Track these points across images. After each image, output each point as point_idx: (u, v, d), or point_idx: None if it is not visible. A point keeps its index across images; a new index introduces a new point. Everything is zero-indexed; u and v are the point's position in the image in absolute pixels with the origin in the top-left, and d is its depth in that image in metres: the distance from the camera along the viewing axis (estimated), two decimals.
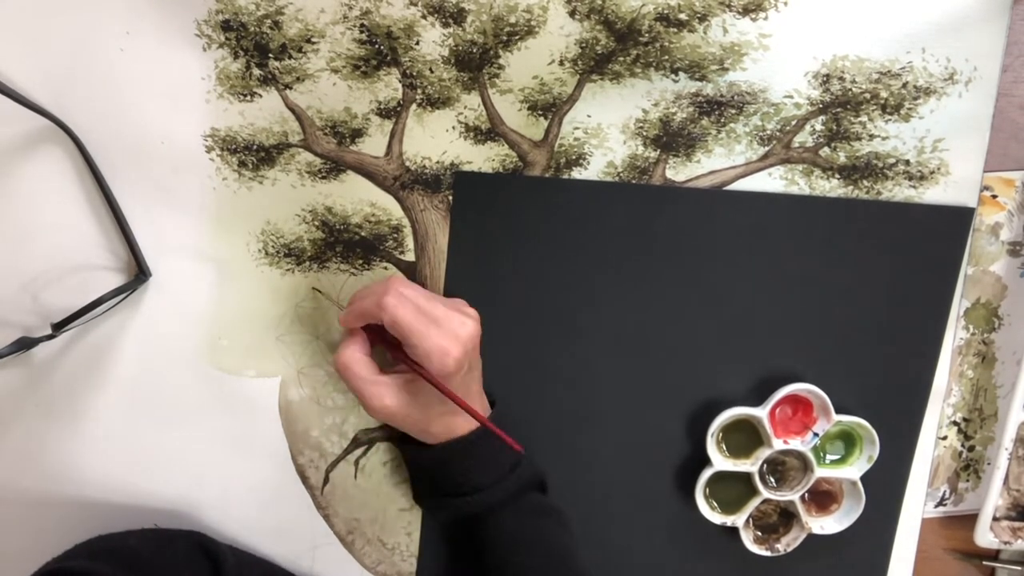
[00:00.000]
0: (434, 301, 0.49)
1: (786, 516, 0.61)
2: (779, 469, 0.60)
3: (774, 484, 0.60)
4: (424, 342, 0.47)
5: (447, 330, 0.48)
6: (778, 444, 0.58)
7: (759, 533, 0.61)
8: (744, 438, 0.59)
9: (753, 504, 0.59)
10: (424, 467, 0.55)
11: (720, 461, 0.58)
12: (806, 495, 0.60)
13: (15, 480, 0.57)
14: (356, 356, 0.50)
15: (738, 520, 0.58)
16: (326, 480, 0.60)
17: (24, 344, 0.50)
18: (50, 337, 0.51)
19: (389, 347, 0.51)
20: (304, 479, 0.60)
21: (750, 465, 0.58)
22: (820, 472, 0.59)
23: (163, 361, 0.56)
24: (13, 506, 0.57)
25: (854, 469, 0.59)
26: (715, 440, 0.57)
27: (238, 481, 0.59)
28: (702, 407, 0.59)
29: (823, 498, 0.61)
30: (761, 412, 0.57)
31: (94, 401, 0.56)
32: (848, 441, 0.60)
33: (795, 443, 0.58)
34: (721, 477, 0.58)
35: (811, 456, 0.58)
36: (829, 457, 0.60)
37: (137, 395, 0.56)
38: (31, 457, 0.57)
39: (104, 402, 0.56)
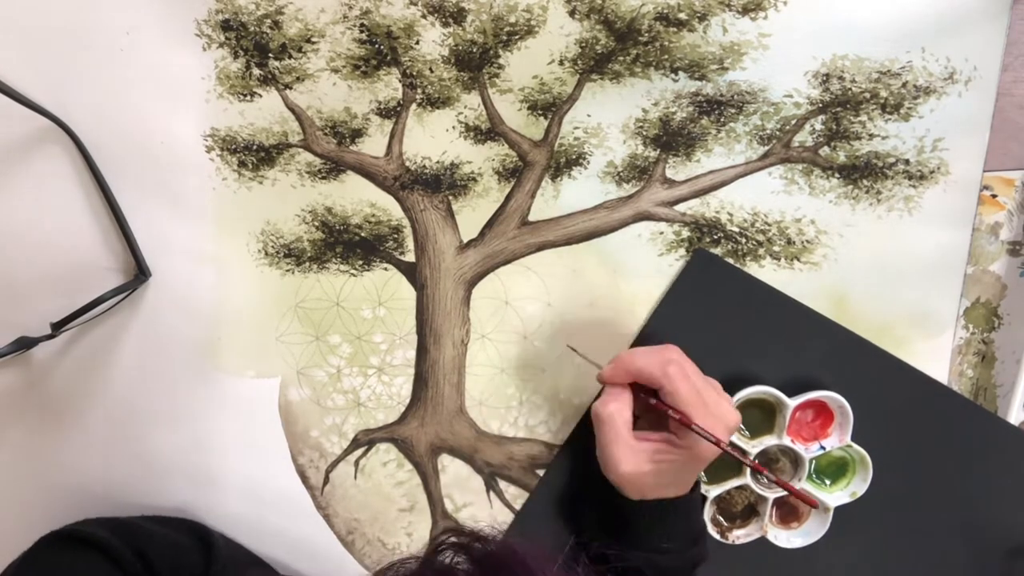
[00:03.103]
0: (707, 383, 0.52)
1: (750, 511, 0.61)
2: (770, 465, 0.60)
3: (761, 477, 0.60)
4: (698, 419, 0.49)
5: (717, 414, 0.50)
6: (785, 439, 0.58)
7: (719, 516, 0.61)
8: (756, 420, 0.59)
9: (732, 483, 0.59)
10: (625, 514, 0.54)
11: None
12: (777, 501, 0.60)
13: (15, 479, 0.57)
14: (624, 415, 0.52)
15: (712, 491, 0.58)
16: (326, 480, 0.60)
17: (24, 344, 0.50)
18: (50, 337, 0.51)
19: (652, 407, 0.52)
20: (304, 479, 0.60)
21: (751, 446, 0.58)
22: (804, 484, 0.59)
23: (163, 361, 0.56)
24: (13, 505, 0.57)
25: (834, 496, 0.59)
26: (734, 406, 0.57)
27: (238, 481, 0.58)
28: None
29: (788, 512, 0.61)
30: (790, 401, 0.57)
31: (93, 401, 0.56)
32: (840, 469, 0.61)
33: (799, 446, 0.58)
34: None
35: (806, 465, 0.58)
36: (818, 476, 0.61)
37: (137, 395, 0.56)
38: (31, 457, 0.57)
39: (104, 402, 0.56)
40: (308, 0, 0.52)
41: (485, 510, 0.61)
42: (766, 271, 0.59)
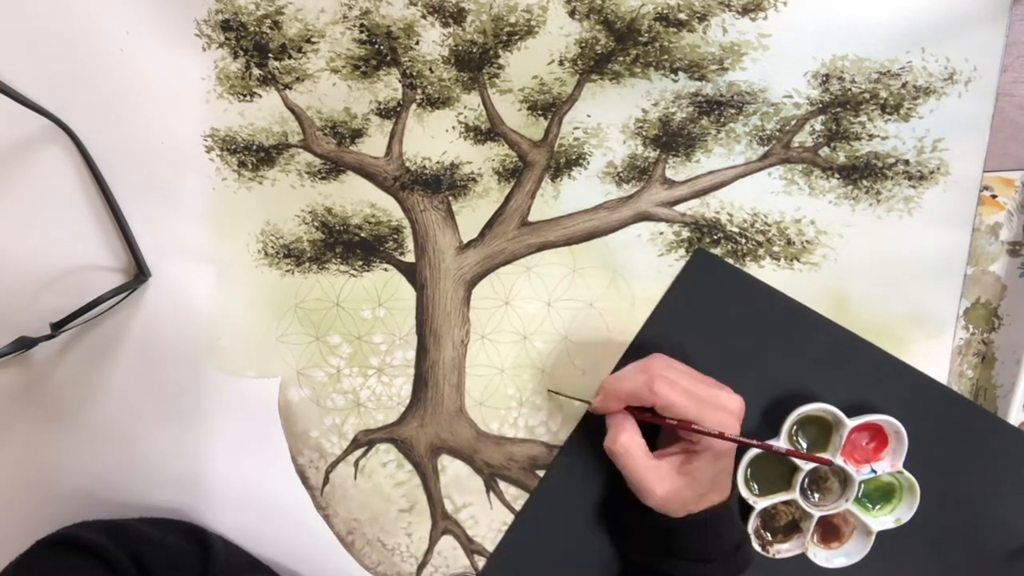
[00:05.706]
0: (697, 381, 0.51)
1: (793, 527, 0.61)
2: (819, 483, 0.61)
3: (810, 494, 0.60)
4: (701, 419, 0.49)
5: (718, 407, 0.50)
6: (838, 459, 0.58)
7: (762, 530, 0.61)
8: (813, 436, 0.59)
9: (779, 497, 0.59)
10: (662, 531, 0.54)
11: (784, 441, 0.57)
12: (820, 520, 0.60)
13: (14, 479, 0.57)
14: (636, 440, 0.51)
15: (760, 503, 0.58)
16: (326, 481, 0.60)
17: (24, 344, 0.50)
18: (50, 337, 0.51)
19: (660, 422, 0.52)
20: (304, 479, 0.60)
21: (804, 462, 0.58)
22: (850, 506, 0.59)
23: (163, 361, 0.56)
24: (12, 505, 0.57)
25: (878, 521, 0.59)
26: (794, 421, 0.57)
27: (238, 481, 0.58)
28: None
29: (829, 531, 0.61)
30: (849, 422, 0.57)
31: (93, 401, 0.56)
32: (887, 495, 0.60)
33: (851, 467, 0.58)
34: (767, 460, 0.58)
35: (855, 487, 0.58)
36: (864, 498, 0.61)
37: (137, 395, 0.56)
38: (31, 457, 0.57)
39: (103, 402, 0.56)
40: (308, 0, 0.52)
41: (485, 511, 0.61)
42: (766, 271, 0.59)
